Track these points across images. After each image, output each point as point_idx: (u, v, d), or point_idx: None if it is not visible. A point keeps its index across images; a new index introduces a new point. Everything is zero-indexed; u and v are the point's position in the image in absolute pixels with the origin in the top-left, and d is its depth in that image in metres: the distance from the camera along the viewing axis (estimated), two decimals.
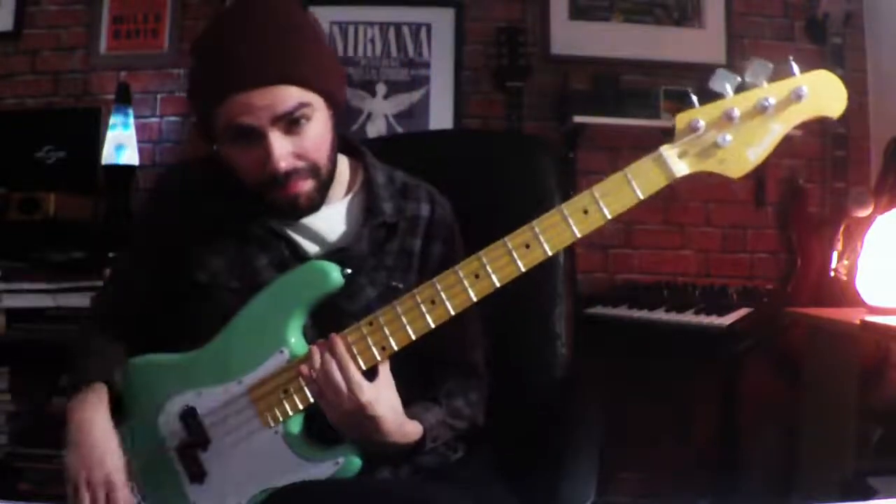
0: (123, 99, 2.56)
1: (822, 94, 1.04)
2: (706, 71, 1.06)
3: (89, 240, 2.40)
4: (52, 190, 2.35)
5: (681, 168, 1.06)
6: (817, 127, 2.69)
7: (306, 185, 1.14)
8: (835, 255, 2.47)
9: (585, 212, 1.06)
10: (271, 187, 1.13)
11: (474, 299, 1.08)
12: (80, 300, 2.31)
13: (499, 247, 1.07)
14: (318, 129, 1.14)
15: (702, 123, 1.05)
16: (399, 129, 2.73)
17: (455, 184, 1.32)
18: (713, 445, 2.56)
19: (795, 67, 1.04)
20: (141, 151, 2.60)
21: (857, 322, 1.79)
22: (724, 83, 1.05)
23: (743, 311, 2.33)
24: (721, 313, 2.33)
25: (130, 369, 1.19)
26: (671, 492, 2.66)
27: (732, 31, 2.77)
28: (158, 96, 2.76)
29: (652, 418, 2.62)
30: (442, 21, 2.77)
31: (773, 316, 2.35)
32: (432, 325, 1.08)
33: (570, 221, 1.06)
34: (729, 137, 1.05)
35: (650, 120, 2.67)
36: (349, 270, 1.11)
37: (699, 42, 2.78)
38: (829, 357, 2.12)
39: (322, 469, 1.08)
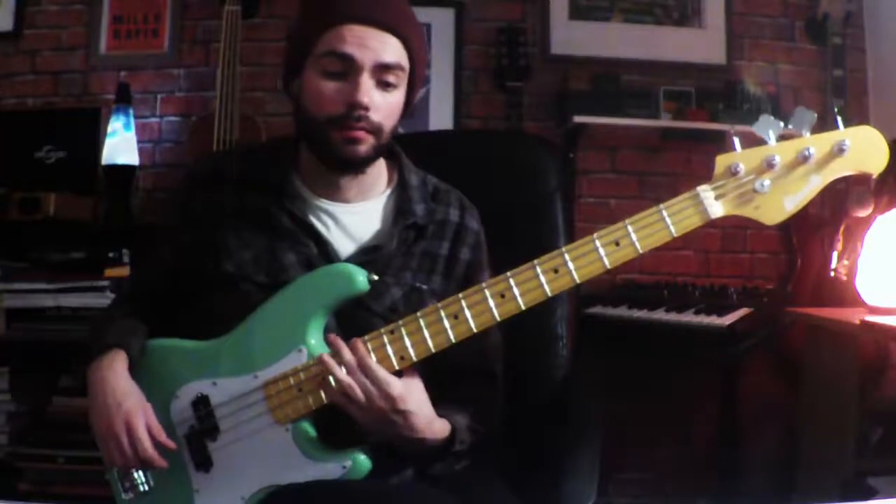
0: (123, 99, 2.56)
1: (863, 149, 1.03)
2: (706, 71, 1.05)
3: (89, 240, 2.41)
4: (52, 190, 2.35)
5: (716, 210, 1.05)
6: (817, 128, 2.69)
7: (367, 139, 1.15)
8: (835, 255, 2.47)
9: (617, 244, 1.06)
10: (338, 124, 1.13)
11: (498, 319, 1.08)
12: (80, 300, 2.31)
13: (527, 269, 1.07)
14: (397, 102, 1.18)
15: (742, 168, 1.04)
16: (399, 130, 2.72)
17: (455, 184, 1.32)
18: (713, 445, 2.56)
19: (840, 120, 1.03)
20: (141, 151, 2.60)
21: (857, 322, 1.79)
22: (768, 129, 1.04)
23: (743, 311, 2.33)
24: (721, 313, 2.33)
25: (149, 351, 1.19)
26: (671, 492, 2.66)
27: (732, 31, 2.76)
28: (158, 96, 2.76)
29: (652, 418, 2.62)
30: (442, 21, 2.77)
31: (773, 316, 2.35)
32: (453, 341, 1.08)
33: (602, 252, 1.06)
34: (767, 184, 1.03)
35: (650, 120, 2.67)
36: (376, 277, 1.12)
37: (699, 42, 2.77)
38: (829, 357, 2.12)
39: (328, 471, 1.08)
